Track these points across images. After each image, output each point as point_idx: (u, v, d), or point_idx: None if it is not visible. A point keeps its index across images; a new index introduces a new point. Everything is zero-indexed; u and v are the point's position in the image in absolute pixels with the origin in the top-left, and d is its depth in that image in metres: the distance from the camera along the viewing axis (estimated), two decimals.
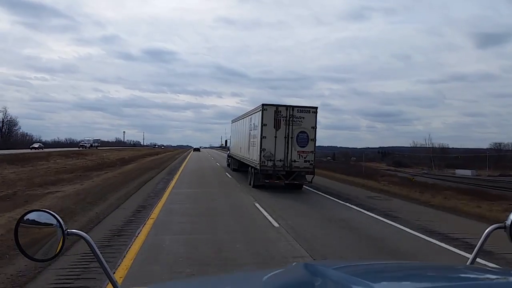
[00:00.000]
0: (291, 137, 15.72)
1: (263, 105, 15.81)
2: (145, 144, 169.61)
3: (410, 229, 9.11)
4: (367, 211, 11.71)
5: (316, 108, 16.03)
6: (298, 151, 15.77)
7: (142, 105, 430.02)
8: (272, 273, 1.39)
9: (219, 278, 2.07)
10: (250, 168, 18.24)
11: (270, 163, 15.70)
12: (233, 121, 27.67)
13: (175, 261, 5.99)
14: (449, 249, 7.37)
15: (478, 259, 1.69)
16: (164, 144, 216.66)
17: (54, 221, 1.48)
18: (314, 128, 15.91)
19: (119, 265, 5.67)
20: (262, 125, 15.70)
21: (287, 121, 15.72)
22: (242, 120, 21.73)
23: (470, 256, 1.60)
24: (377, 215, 11.05)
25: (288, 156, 15.72)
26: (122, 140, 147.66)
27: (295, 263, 1.65)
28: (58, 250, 1.48)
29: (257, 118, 16.68)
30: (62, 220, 1.48)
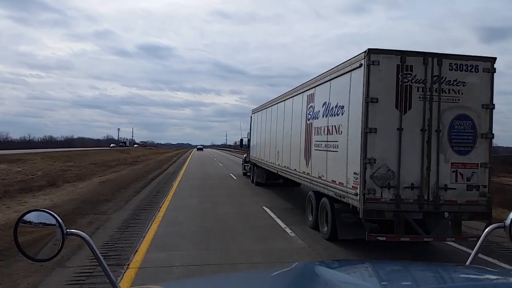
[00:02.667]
0: (437, 130, 6.47)
1: (369, 50, 6.46)
2: (139, 142, 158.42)
3: None
4: None
5: (494, 60, 6.72)
6: (452, 164, 6.49)
7: (140, 103, 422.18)
8: (274, 273, 1.38)
9: (223, 278, 1.95)
10: (314, 196, 8.78)
11: (388, 193, 6.38)
12: (255, 111, 18.27)
13: None
14: None
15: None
16: (162, 142, 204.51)
17: (54, 221, 1.44)
18: (489, 107, 6.65)
19: None
20: (366, 101, 6.40)
21: (427, 92, 6.45)
22: (283, 102, 12.37)
23: (470, 256, 1.55)
24: None
25: (430, 177, 6.44)
26: (116, 138, 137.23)
27: (296, 262, 1.50)
28: (58, 250, 1.46)
29: (343, 88, 7.39)
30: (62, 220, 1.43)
